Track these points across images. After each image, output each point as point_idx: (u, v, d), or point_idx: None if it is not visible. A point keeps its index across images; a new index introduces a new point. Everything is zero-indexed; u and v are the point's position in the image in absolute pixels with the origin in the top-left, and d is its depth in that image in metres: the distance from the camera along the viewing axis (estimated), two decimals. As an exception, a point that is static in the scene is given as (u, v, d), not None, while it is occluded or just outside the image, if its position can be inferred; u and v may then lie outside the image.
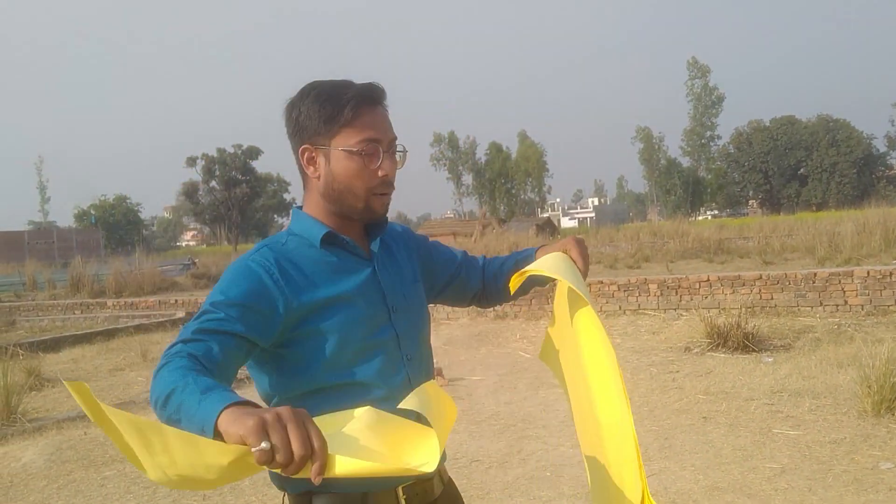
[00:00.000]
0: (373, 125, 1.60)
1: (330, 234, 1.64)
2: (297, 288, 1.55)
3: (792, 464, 4.76)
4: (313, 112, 1.60)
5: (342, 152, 1.59)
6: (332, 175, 1.62)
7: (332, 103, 1.59)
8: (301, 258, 1.61)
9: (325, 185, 1.63)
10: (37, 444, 6.17)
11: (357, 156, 1.59)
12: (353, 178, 1.60)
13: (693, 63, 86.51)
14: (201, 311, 1.47)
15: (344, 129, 1.59)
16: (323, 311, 1.57)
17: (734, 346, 8.17)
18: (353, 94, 1.59)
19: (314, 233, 1.65)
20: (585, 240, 17.04)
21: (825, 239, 18.24)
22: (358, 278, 1.65)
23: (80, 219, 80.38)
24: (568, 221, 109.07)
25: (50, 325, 15.17)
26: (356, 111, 1.58)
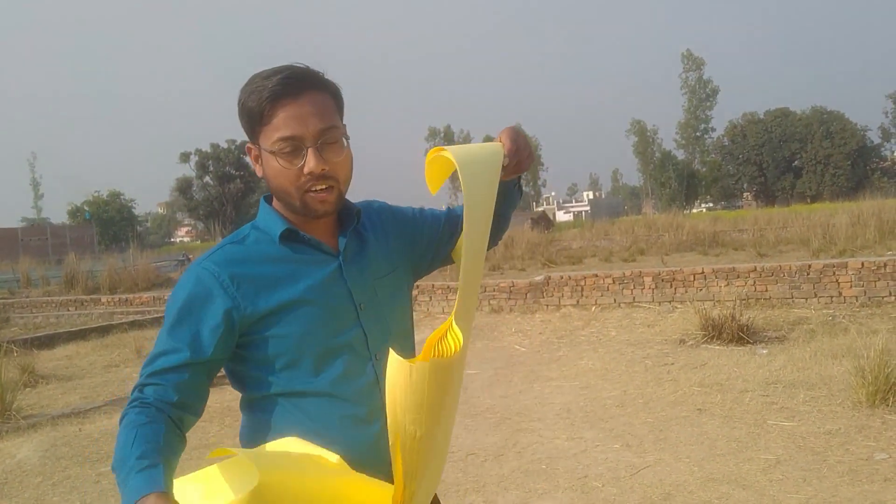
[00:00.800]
0: (288, 121, 1.49)
1: (289, 231, 1.58)
2: (250, 293, 1.51)
3: (787, 455, 4.77)
4: (242, 111, 1.55)
5: (266, 152, 1.54)
6: (267, 174, 1.57)
7: (253, 101, 1.51)
8: (259, 257, 1.57)
9: (268, 183, 1.59)
10: (31, 441, 6.16)
11: (277, 156, 1.51)
12: (279, 177, 1.54)
13: (688, 55, 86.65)
14: (155, 351, 1.51)
15: (264, 129, 1.52)
16: (280, 314, 1.52)
17: (729, 338, 8.18)
18: (270, 88, 1.49)
19: (274, 229, 1.59)
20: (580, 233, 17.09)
21: (819, 231, 18.27)
22: (320, 276, 1.58)
23: (73, 215, 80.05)
24: (563, 215, 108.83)
25: (44, 321, 15.13)
26: (272, 108, 1.50)
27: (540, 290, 11.83)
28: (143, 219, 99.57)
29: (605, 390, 6.76)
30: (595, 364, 7.84)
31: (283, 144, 1.49)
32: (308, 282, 1.56)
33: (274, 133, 1.50)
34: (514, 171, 1.63)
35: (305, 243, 1.60)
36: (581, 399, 6.52)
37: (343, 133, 1.57)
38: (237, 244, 1.59)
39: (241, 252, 1.57)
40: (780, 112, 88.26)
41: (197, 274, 1.52)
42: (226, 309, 1.49)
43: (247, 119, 1.54)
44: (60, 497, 4.94)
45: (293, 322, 1.53)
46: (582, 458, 5.01)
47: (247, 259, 1.55)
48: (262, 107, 1.50)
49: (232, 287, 1.50)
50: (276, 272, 1.55)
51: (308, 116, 1.50)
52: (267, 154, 1.53)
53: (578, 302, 11.57)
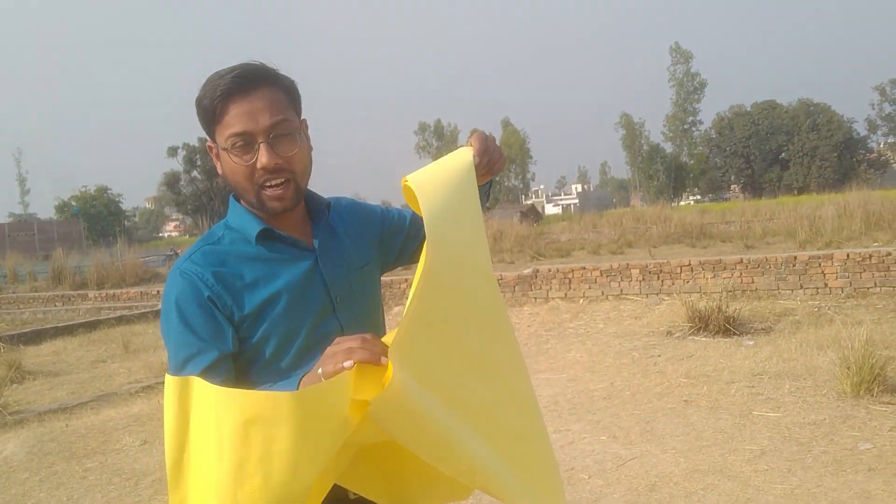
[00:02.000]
0: (239, 118, 1.49)
1: (265, 230, 1.58)
2: (232, 294, 1.52)
3: (772, 445, 4.80)
4: (199, 110, 1.55)
5: (222, 150, 1.54)
6: (224, 172, 1.57)
7: (207, 99, 1.51)
8: (236, 258, 1.56)
9: (227, 181, 1.58)
10: (18, 437, 6.14)
11: (230, 153, 1.51)
12: (234, 174, 1.54)
13: (676, 49, 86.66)
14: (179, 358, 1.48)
15: (218, 127, 1.53)
16: (262, 314, 1.53)
17: (715, 329, 8.22)
18: (221, 86, 1.49)
19: (249, 229, 1.59)
20: (568, 226, 17.08)
21: (806, 223, 18.38)
22: (297, 272, 1.59)
23: (61, 210, 79.67)
24: (552, 208, 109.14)
25: (31, 317, 15.08)
26: (224, 105, 1.50)
27: (528, 283, 11.85)
28: (131, 214, 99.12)
29: (592, 382, 6.78)
30: (582, 356, 7.87)
31: (235, 139, 1.50)
32: (286, 279, 1.57)
33: (226, 130, 1.50)
34: (488, 173, 1.63)
35: (281, 241, 1.60)
36: (568, 391, 6.54)
37: (297, 127, 1.57)
38: (213, 245, 1.59)
39: (219, 252, 1.57)
40: (767, 104, 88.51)
41: (184, 276, 1.52)
42: (217, 308, 1.50)
43: (203, 118, 1.55)
44: (47, 493, 4.92)
45: (275, 321, 1.54)
46: (569, 449, 5.03)
47: (225, 259, 1.55)
48: (214, 105, 1.50)
49: (217, 286, 1.51)
50: (255, 272, 1.55)
51: (258, 112, 1.50)
52: (222, 151, 1.54)
53: (566, 294, 11.60)
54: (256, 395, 1.21)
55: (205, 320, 1.49)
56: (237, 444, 1.18)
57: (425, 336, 1.33)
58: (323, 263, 1.63)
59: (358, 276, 1.71)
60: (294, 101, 1.59)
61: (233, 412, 1.19)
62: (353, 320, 1.65)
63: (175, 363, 1.49)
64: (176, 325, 1.49)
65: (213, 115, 1.51)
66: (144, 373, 8.54)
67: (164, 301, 1.54)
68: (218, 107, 1.50)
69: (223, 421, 1.19)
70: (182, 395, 1.23)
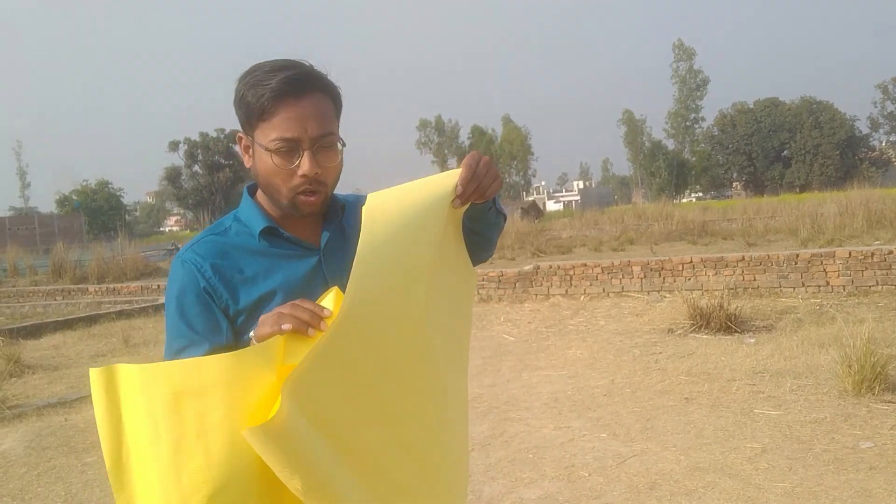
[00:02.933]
0: (289, 123, 1.47)
1: (269, 228, 1.58)
2: (230, 287, 1.52)
3: (773, 443, 4.78)
4: (240, 101, 1.52)
5: (260, 148, 1.51)
6: (256, 169, 1.56)
7: (253, 95, 1.49)
8: (238, 250, 1.56)
9: (255, 177, 1.58)
10: (17, 431, 6.13)
11: (273, 154, 1.49)
12: (272, 175, 1.52)
13: (679, 45, 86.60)
14: (174, 348, 1.49)
15: (261, 125, 1.50)
16: (259, 309, 1.50)
17: (717, 327, 8.20)
18: (273, 85, 1.46)
19: (255, 225, 1.58)
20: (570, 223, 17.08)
21: (808, 220, 18.34)
22: (298, 271, 1.57)
23: (61, 204, 79.66)
24: (553, 205, 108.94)
25: (31, 311, 15.06)
26: (273, 106, 1.47)
27: (529, 280, 11.84)
28: (132, 208, 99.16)
29: (592, 379, 6.77)
30: (583, 353, 7.85)
31: (281, 144, 1.48)
32: (286, 276, 1.56)
33: (272, 131, 1.48)
34: (480, 198, 1.54)
35: (285, 239, 1.59)
36: (569, 388, 6.52)
37: (338, 139, 1.56)
38: (218, 235, 1.59)
39: (222, 244, 1.57)
40: (770, 102, 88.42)
41: (184, 265, 1.53)
42: (213, 300, 1.51)
43: (244, 111, 1.52)
44: (45, 487, 4.91)
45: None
46: (569, 447, 5.01)
47: (227, 252, 1.55)
48: (262, 103, 1.48)
49: (214, 278, 1.51)
50: (255, 267, 1.55)
51: (308, 119, 1.48)
52: (261, 150, 1.51)
53: (567, 291, 11.58)
54: (182, 364, 1.19)
55: (200, 312, 1.50)
56: (172, 422, 1.16)
57: (328, 377, 1.27)
58: (327, 263, 1.61)
59: None
60: (338, 110, 1.58)
61: (161, 387, 1.17)
62: None
63: (169, 353, 1.49)
64: (172, 316, 1.51)
65: (259, 112, 1.49)
66: (144, 367, 8.52)
67: (166, 290, 1.56)
68: (266, 106, 1.47)
69: (153, 399, 1.17)
70: (109, 385, 1.20)
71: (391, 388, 1.39)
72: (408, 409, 1.42)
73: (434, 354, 1.47)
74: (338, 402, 1.29)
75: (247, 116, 1.52)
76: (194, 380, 1.16)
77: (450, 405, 1.55)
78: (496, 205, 1.69)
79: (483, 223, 1.69)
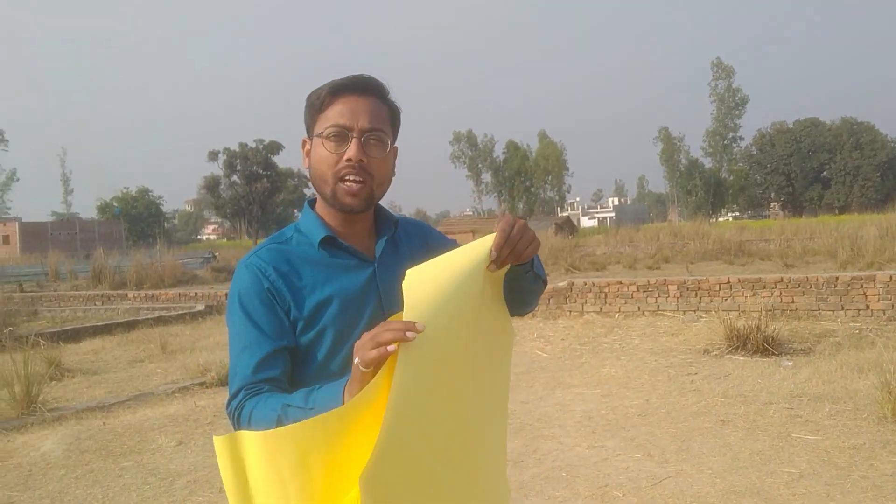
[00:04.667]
0: (343, 112, 1.59)
1: (328, 238, 1.64)
2: (292, 293, 1.58)
3: (810, 469, 4.72)
4: (306, 107, 1.66)
5: (317, 138, 1.62)
6: (311, 162, 1.65)
7: (316, 93, 1.63)
8: (300, 259, 1.63)
9: (309, 172, 1.67)
10: (56, 434, 6.23)
11: (325, 140, 1.59)
12: (321, 162, 1.61)
13: (717, 64, 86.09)
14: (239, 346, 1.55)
15: (319, 117, 1.62)
16: (316, 316, 1.58)
17: (753, 349, 8.12)
18: (332, 83, 1.61)
19: (314, 235, 1.65)
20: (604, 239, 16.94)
21: (847, 243, 18.08)
22: (355, 281, 1.63)
23: (102, 210, 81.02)
24: (587, 221, 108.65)
25: (71, 315, 15.30)
26: (330, 99, 1.60)
27: (563, 296, 11.80)
28: (171, 216, 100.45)
29: (627, 399, 6.73)
30: (617, 372, 7.80)
31: (333, 129, 1.58)
32: (343, 285, 1.62)
33: (327, 121, 1.60)
34: (516, 260, 1.54)
35: (343, 249, 1.65)
36: (603, 407, 6.49)
37: (389, 142, 1.65)
38: (281, 244, 1.66)
39: (285, 251, 1.63)
40: (810, 122, 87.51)
41: (249, 269, 1.60)
42: (277, 302, 1.57)
43: (308, 112, 1.65)
44: (83, 490, 4.98)
45: (327, 324, 1.58)
46: (602, 466, 4.99)
47: (289, 259, 1.62)
48: (322, 97, 1.61)
49: (279, 281, 1.58)
50: (315, 275, 1.61)
51: (360, 113, 1.59)
52: (316, 140, 1.62)
53: (602, 309, 11.53)
54: (305, 426, 1.22)
55: (265, 313, 1.56)
56: (301, 481, 1.21)
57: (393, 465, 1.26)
58: (380, 276, 1.66)
59: None
60: (394, 122, 1.68)
61: (286, 451, 1.21)
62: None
63: (233, 352, 1.56)
64: (238, 317, 1.57)
65: (318, 106, 1.62)
66: (181, 374, 8.62)
67: (229, 293, 1.63)
68: (325, 99, 1.60)
69: (280, 463, 1.21)
70: (233, 452, 1.25)
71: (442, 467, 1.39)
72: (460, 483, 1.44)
73: (476, 423, 1.48)
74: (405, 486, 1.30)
75: (310, 115, 1.65)
76: (319, 435, 1.20)
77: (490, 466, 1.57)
78: (534, 268, 1.69)
79: (521, 286, 1.70)
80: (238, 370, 1.53)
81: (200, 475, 5.15)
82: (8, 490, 5.02)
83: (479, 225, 42.41)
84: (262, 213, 73.05)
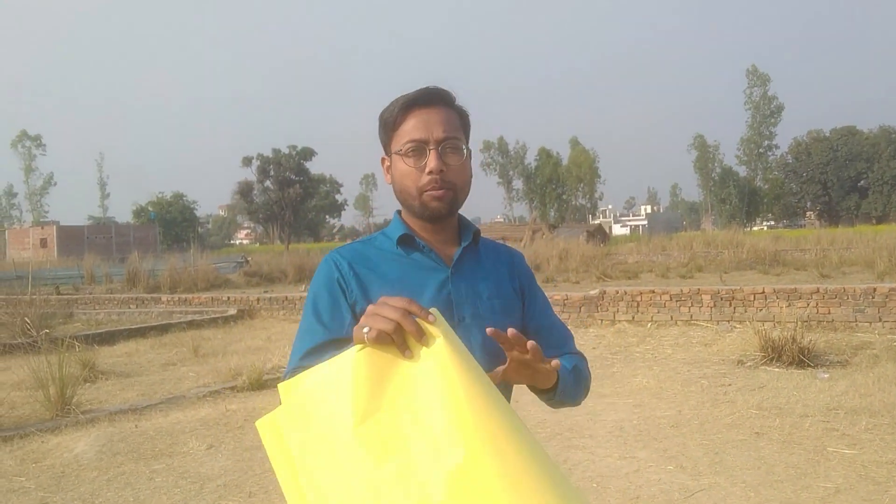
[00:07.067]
0: (417, 126, 1.63)
1: (405, 235, 1.70)
2: (362, 285, 1.64)
3: (847, 484, 4.62)
4: (380, 125, 1.72)
5: (396, 156, 1.67)
6: (394, 179, 1.71)
7: (389, 110, 1.68)
8: (377, 256, 1.70)
9: (394, 190, 1.72)
10: (89, 436, 6.28)
11: (404, 156, 1.64)
12: (404, 178, 1.66)
13: (753, 71, 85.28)
14: (300, 330, 1.65)
15: (395, 134, 1.67)
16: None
17: (789, 360, 7.99)
18: (403, 98, 1.66)
19: (395, 233, 1.72)
20: (636, 247, 16.77)
21: (885, 253, 17.80)
22: (427, 281, 1.66)
23: (137, 215, 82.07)
24: (620, 229, 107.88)
25: (106, 318, 15.49)
26: (403, 115, 1.65)
27: (594, 304, 11.72)
28: (205, 220, 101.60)
29: (659, 409, 6.65)
30: (650, 382, 7.72)
31: (410, 145, 1.63)
32: (415, 284, 1.65)
33: (403, 137, 1.65)
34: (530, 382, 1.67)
35: (420, 249, 1.71)
36: (634, 417, 6.42)
37: (464, 147, 1.69)
38: (364, 243, 1.76)
39: (364, 250, 1.72)
40: (847, 130, 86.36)
41: (326, 261, 1.70)
42: (343, 293, 1.64)
43: (383, 128, 1.71)
44: (115, 493, 5.02)
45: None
46: (634, 478, 4.93)
47: (368, 256, 1.70)
48: (395, 115, 1.66)
49: (348, 274, 1.65)
50: (389, 270, 1.67)
51: (433, 124, 1.64)
52: (396, 157, 1.67)
53: (634, 317, 11.43)
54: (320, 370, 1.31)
55: (328, 303, 1.64)
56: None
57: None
58: (455, 281, 1.69)
59: (486, 305, 1.71)
60: (465, 127, 1.74)
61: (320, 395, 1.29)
62: (472, 343, 1.63)
63: (297, 334, 1.65)
64: (308, 302, 1.67)
65: (392, 123, 1.67)
66: (213, 377, 8.68)
67: (312, 280, 1.73)
68: (398, 117, 1.65)
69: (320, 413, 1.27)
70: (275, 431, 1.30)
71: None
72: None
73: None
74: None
75: (385, 133, 1.71)
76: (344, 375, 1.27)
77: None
78: (558, 395, 1.74)
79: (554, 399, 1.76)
80: (294, 351, 1.62)
81: (231, 479, 5.16)
82: (41, 491, 5.07)
83: (510, 232, 42.29)
84: (295, 219, 73.54)
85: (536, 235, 35.68)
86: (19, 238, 65.74)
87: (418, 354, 1.27)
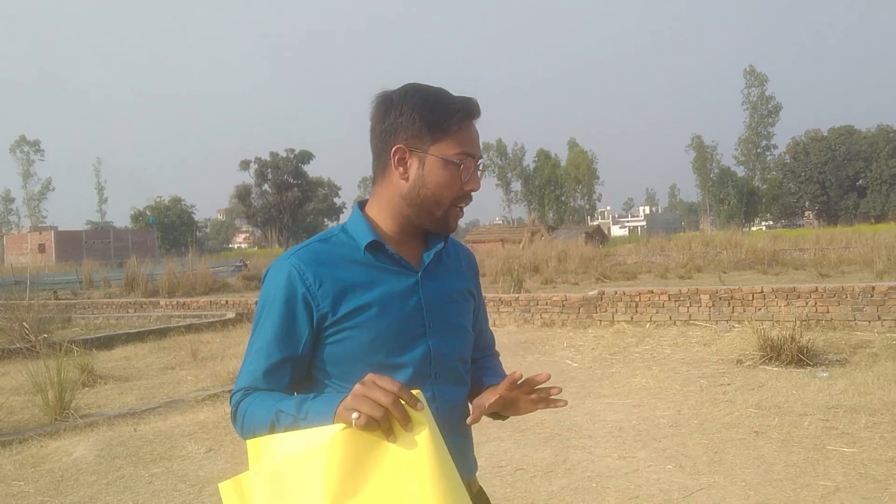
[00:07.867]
0: (471, 140, 1.62)
1: (376, 243, 1.61)
2: (329, 295, 1.56)
3: (846, 482, 4.62)
4: (417, 115, 1.58)
5: (439, 160, 1.59)
6: (422, 180, 1.61)
7: (440, 111, 1.59)
8: (342, 260, 1.61)
9: (412, 188, 1.61)
10: (88, 440, 6.28)
11: (453, 166, 1.59)
12: (443, 186, 1.60)
13: (750, 71, 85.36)
14: (253, 347, 1.59)
15: (446, 139, 1.59)
16: (353, 318, 1.56)
17: (788, 359, 7.99)
18: (461, 106, 1.60)
19: (362, 238, 1.62)
20: (635, 248, 16.92)
21: (884, 252, 17.84)
22: (397, 288, 1.61)
23: (136, 219, 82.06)
24: (618, 230, 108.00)
25: (104, 322, 15.47)
26: (461, 123, 1.60)
27: (593, 305, 11.71)
28: (203, 224, 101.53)
29: (658, 409, 6.65)
30: (649, 382, 7.72)
31: (464, 158, 1.61)
32: (384, 291, 1.60)
33: (459, 146, 1.60)
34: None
35: (388, 256, 1.63)
36: (633, 417, 6.42)
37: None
38: (323, 243, 1.65)
39: (326, 252, 1.61)
40: (845, 130, 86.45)
41: (284, 269, 1.58)
42: (307, 307, 1.55)
43: (425, 125, 1.59)
44: (114, 496, 5.01)
45: (363, 328, 1.56)
46: (633, 477, 4.92)
47: (330, 260, 1.60)
48: (451, 118, 1.59)
49: (314, 286, 1.55)
50: (356, 277, 1.59)
51: (477, 140, 1.65)
52: (438, 161, 1.60)
53: (633, 318, 11.42)
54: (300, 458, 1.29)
55: (287, 319, 1.56)
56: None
57: None
58: (424, 285, 1.65)
59: (453, 308, 1.72)
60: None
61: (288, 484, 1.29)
62: (442, 347, 1.66)
63: (250, 347, 1.59)
64: (260, 318, 1.60)
65: (446, 128, 1.59)
66: (211, 381, 8.67)
67: (262, 290, 1.64)
68: (455, 122, 1.59)
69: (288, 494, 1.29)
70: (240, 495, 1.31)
71: None
72: None
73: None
74: None
75: (429, 130, 1.58)
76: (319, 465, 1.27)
77: None
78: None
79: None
80: (248, 367, 1.58)
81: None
82: (40, 495, 5.07)
83: (509, 234, 42.31)
84: (293, 222, 73.53)
85: (535, 237, 35.73)
86: (17, 243, 65.76)
87: (401, 441, 1.28)
